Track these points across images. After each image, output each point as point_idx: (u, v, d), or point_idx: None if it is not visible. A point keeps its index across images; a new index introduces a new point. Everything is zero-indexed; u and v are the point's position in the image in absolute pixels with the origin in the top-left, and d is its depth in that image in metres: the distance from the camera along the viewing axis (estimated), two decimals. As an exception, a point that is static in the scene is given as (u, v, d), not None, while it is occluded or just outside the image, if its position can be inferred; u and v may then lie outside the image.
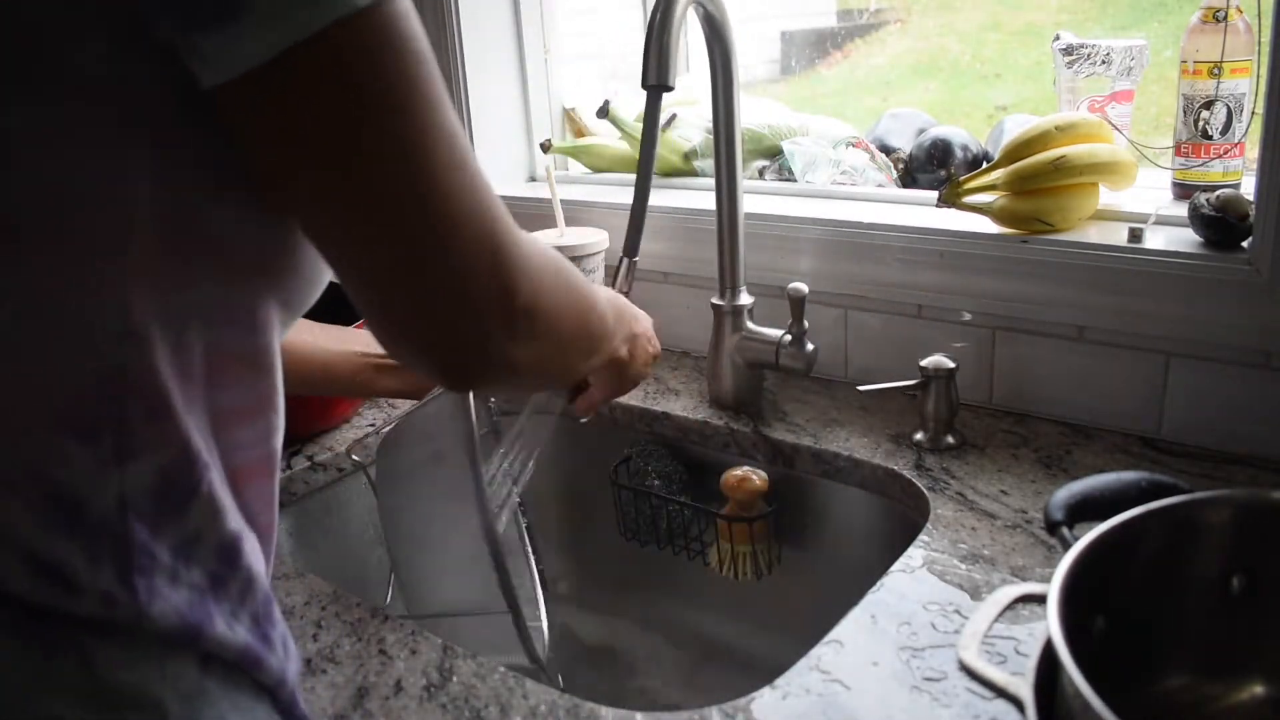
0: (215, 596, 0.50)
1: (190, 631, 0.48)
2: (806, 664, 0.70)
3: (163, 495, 0.48)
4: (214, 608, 0.50)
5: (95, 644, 0.46)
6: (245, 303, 0.50)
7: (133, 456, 0.47)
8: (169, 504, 0.48)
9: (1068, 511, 0.65)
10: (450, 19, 1.37)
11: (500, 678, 0.71)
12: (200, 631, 0.49)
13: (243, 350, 0.51)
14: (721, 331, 1.10)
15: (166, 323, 0.47)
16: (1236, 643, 0.61)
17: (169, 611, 0.47)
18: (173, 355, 0.47)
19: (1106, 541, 0.58)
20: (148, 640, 0.47)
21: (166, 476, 0.48)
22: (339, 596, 0.83)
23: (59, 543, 0.45)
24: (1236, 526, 0.61)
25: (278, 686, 0.54)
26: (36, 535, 0.45)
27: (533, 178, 1.53)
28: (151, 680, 0.47)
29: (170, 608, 0.47)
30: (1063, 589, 0.54)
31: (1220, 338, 0.90)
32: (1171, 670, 0.61)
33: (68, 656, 0.45)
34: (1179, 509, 0.61)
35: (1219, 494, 0.62)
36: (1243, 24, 0.95)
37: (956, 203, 1.04)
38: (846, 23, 1.60)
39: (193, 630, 0.48)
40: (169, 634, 0.48)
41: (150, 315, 0.46)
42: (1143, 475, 0.67)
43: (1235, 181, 0.99)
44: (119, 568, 0.46)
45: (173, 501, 0.48)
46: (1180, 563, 0.61)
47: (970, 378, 1.05)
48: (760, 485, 1.01)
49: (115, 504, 0.46)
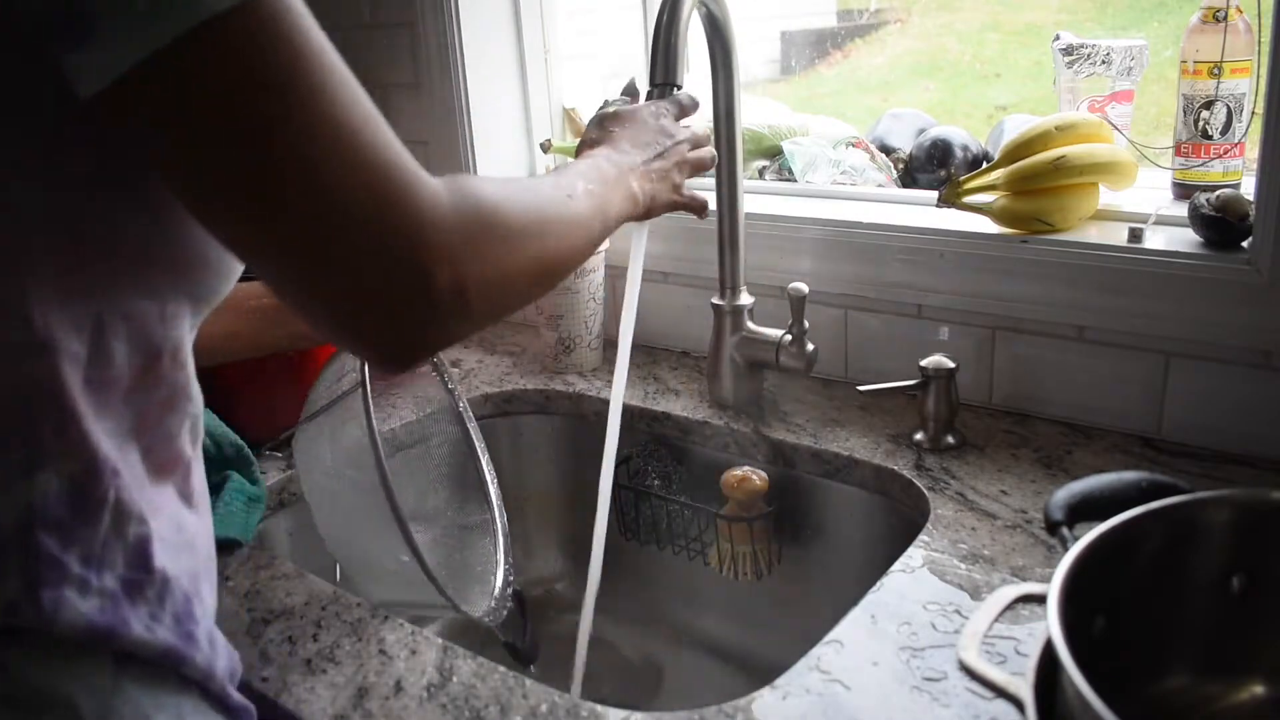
0: (131, 601, 0.50)
1: (100, 637, 0.48)
2: (806, 664, 0.70)
3: (72, 505, 0.48)
4: (129, 613, 0.50)
5: (5, 647, 0.46)
6: (153, 301, 0.50)
7: (40, 467, 0.47)
8: (78, 514, 0.48)
9: (1068, 511, 0.65)
10: (450, 19, 1.37)
11: (500, 678, 0.71)
12: (112, 635, 0.49)
13: (155, 348, 0.51)
14: (721, 331, 1.10)
15: (72, 330, 0.47)
16: (1236, 643, 0.61)
17: (76, 619, 0.47)
18: (84, 363, 0.47)
19: (1107, 542, 0.58)
20: (57, 643, 0.48)
21: (75, 485, 0.48)
22: (339, 596, 0.83)
23: None
24: (1236, 526, 0.61)
25: (205, 680, 0.54)
26: None
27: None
28: (63, 680, 0.48)
29: (77, 615, 0.47)
30: (1063, 589, 0.54)
31: (1220, 338, 0.90)
32: (1171, 670, 0.61)
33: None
34: (1179, 509, 0.61)
35: (1219, 494, 0.62)
36: (1243, 24, 0.95)
37: (956, 203, 1.04)
38: (846, 23, 1.60)
39: (102, 635, 0.48)
40: (77, 638, 0.48)
41: (54, 324, 0.46)
42: (1143, 475, 0.67)
43: (1235, 181, 0.99)
44: (25, 580, 0.46)
45: (82, 511, 0.48)
46: (1180, 563, 0.61)
47: (970, 378, 1.05)
48: (760, 485, 1.01)
49: (22, 516, 0.46)
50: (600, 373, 1.27)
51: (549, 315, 1.26)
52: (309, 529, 1.08)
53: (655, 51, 0.91)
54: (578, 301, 1.24)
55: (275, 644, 0.77)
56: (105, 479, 0.49)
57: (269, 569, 0.88)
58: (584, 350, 1.27)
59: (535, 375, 1.28)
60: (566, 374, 1.27)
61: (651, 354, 1.31)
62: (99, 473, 0.49)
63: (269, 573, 0.87)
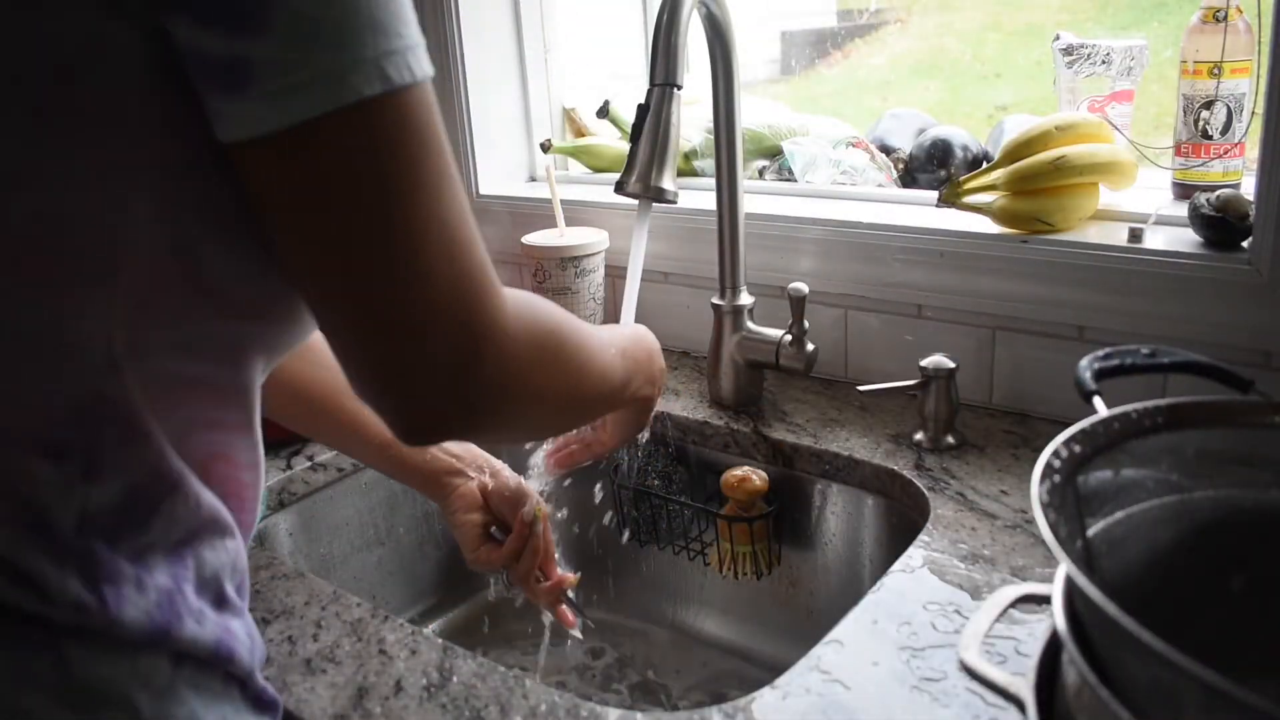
0: (182, 598, 0.51)
1: (159, 633, 0.50)
2: (806, 664, 0.70)
3: (126, 512, 0.49)
4: (182, 608, 0.51)
5: (71, 644, 0.47)
6: (231, 341, 0.52)
7: (101, 477, 0.48)
8: (130, 520, 0.49)
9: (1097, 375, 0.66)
10: (450, 19, 1.37)
11: (500, 678, 0.71)
12: (168, 632, 0.50)
13: (222, 385, 0.52)
14: (721, 331, 1.10)
15: (149, 354, 0.48)
16: (1237, 642, 0.61)
17: (139, 616, 0.49)
18: (151, 385, 0.48)
19: (1107, 538, 0.58)
20: (121, 641, 0.49)
21: (134, 495, 0.49)
22: (339, 596, 0.83)
23: (30, 553, 0.46)
24: (1236, 526, 0.61)
25: (248, 677, 0.55)
26: (11, 545, 0.46)
27: (533, 178, 1.53)
28: (124, 678, 0.49)
29: (139, 612, 0.49)
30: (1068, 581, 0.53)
31: (1220, 338, 0.90)
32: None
33: (44, 655, 0.47)
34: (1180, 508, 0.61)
35: (1219, 493, 0.62)
36: (1243, 24, 0.95)
37: (956, 203, 1.04)
38: (846, 23, 1.60)
39: (160, 631, 0.50)
40: (140, 636, 0.49)
41: (133, 346, 0.47)
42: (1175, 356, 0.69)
43: (1235, 181, 0.99)
44: (86, 578, 0.48)
45: (134, 518, 0.49)
46: (1180, 561, 0.61)
47: (970, 378, 1.05)
48: (760, 485, 1.01)
49: (76, 520, 0.47)
50: (600, 373, 1.27)
51: (549, 315, 1.25)
52: (309, 529, 1.08)
53: (655, 51, 0.91)
54: (578, 301, 1.24)
55: (275, 644, 0.77)
56: (164, 490, 0.50)
57: (269, 569, 0.88)
58: (584, 350, 1.27)
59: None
60: (566, 374, 1.26)
61: (651, 354, 1.31)
62: (158, 483, 0.50)
63: (269, 573, 0.87)
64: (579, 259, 1.23)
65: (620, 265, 1.26)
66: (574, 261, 1.23)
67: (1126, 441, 0.57)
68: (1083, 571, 0.44)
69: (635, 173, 0.91)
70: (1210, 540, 0.61)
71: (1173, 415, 0.59)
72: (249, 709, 0.56)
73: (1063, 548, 0.46)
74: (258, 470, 0.59)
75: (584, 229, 1.29)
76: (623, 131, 1.45)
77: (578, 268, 1.23)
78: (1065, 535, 0.49)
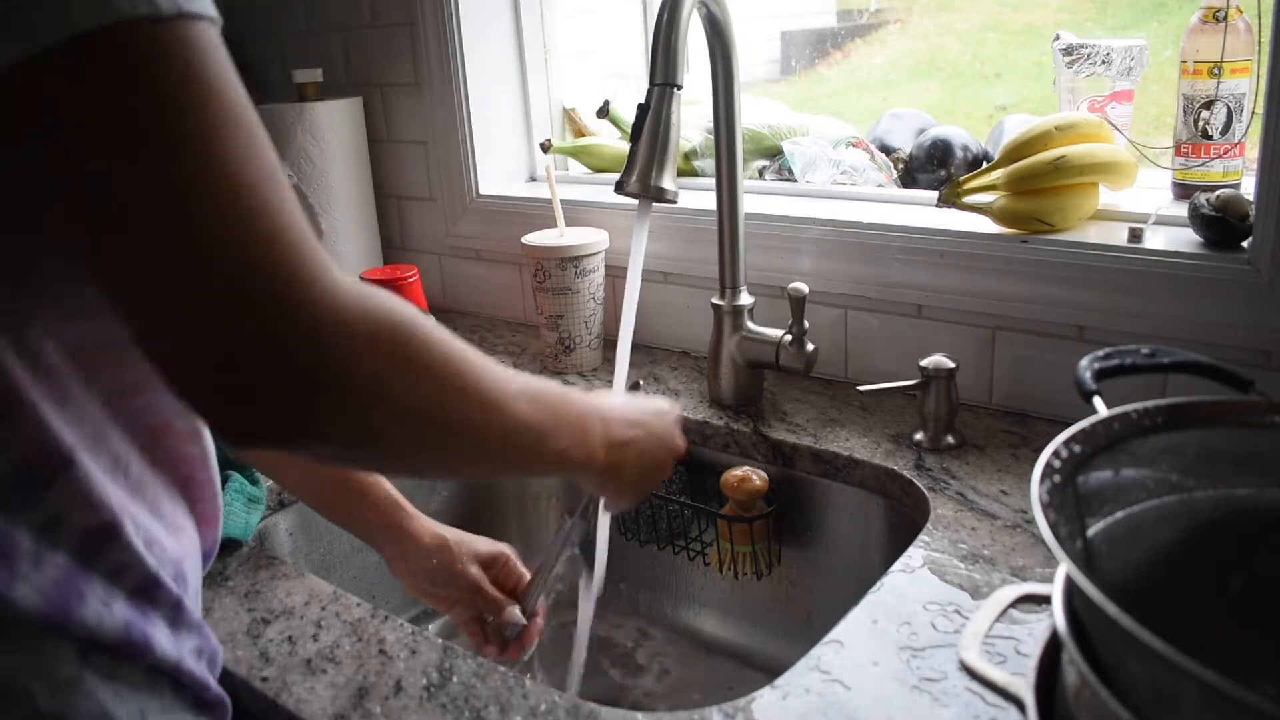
0: (85, 577, 0.50)
1: (58, 613, 0.48)
2: (806, 664, 0.70)
3: (15, 485, 0.48)
4: (84, 587, 0.50)
5: None
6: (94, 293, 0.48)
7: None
8: (21, 493, 0.48)
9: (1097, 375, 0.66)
10: (450, 19, 1.37)
11: (500, 678, 0.71)
12: (68, 613, 0.48)
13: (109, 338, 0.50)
14: (721, 331, 1.10)
15: (12, 321, 0.47)
16: (1237, 643, 0.61)
17: (31, 593, 0.47)
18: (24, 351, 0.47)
19: (1108, 537, 0.58)
20: (21, 629, 0.47)
21: (18, 468, 0.48)
22: (339, 596, 0.83)
23: None
24: (1236, 526, 0.61)
25: (176, 669, 0.53)
26: None
27: (533, 178, 1.53)
28: (22, 670, 0.47)
29: (33, 589, 0.47)
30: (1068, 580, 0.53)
31: (1220, 338, 0.90)
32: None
33: None
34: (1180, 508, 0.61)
35: (1219, 493, 0.62)
36: (1243, 24, 0.95)
37: (956, 203, 1.04)
38: (846, 23, 1.60)
39: (59, 612, 0.48)
40: (36, 618, 0.48)
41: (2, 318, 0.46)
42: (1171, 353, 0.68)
43: (1235, 181, 0.99)
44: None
45: (25, 490, 0.48)
46: (1180, 561, 0.61)
47: (970, 378, 1.05)
48: (760, 485, 1.01)
49: None
50: (600, 373, 1.27)
51: (549, 315, 1.26)
52: (309, 529, 1.08)
53: (655, 51, 0.91)
54: (578, 301, 1.24)
55: (275, 644, 0.77)
56: (54, 461, 0.49)
57: (269, 569, 0.88)
58: (584, 350, 1.27)
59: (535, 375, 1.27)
60: (567, 374, 1.27)
61: (651, 354, 1.31)
62: (46, 455, 0.48)
63: (269, 573, 0.87)
64: (579, 259, 1.23)
65: (620, 265, 1.26)
66: (574, 261, 1.23)
67: (1126, 441, 0.57)
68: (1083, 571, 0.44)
69: (635, 173, 0.91)
70: (1210, 540, 0.61)
71: (1173, 415, 0.59)
72: (183, 706, 0.54)
73: (1063, 548, 0.46)
74: (203, 443, 0.57)
75: (584, 229, 1.29)
76: (623, 131, 1.45)
77: (578, 268, 1.23)
78: (1065, 535, 0.49)
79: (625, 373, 0.93)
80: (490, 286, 1.51)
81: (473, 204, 1.46)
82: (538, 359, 1.32)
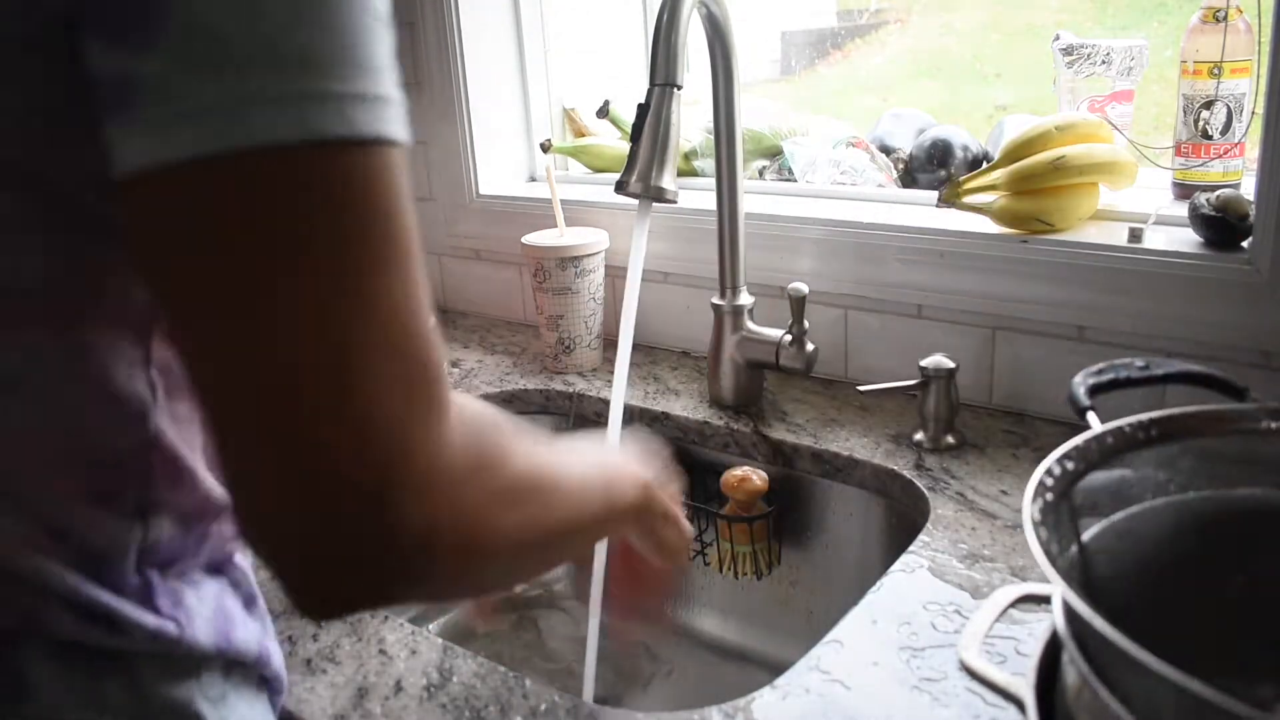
0: (231, 601, 0.53)
1: (222, 641, 0.51)
2: (806, 664, 0.70)
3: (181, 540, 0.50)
4: (232, 610, 0.53)
5: (143, 666, 0.48)
6: None
7: (154, 511, 0.48)
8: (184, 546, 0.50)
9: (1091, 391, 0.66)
10: (450, 19, 1.37)
11: (500, 677, 0.71)
12: (229, 640, 0.51)
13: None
14: (721, 331, 1.10)
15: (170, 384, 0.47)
16: (1236, 643, 0.61)
17: (206, 629, 0.50)
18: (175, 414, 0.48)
19: (1105, 541, 0.58)
20: (191, 658, 0.50)
21: (186, 523, 0.50)
22: (339, 596, 0.83)
23: (95, 592, 0.46)
24: (1237, 526, 0.61)
25: (275, 679, 0.56)
26: (75, 586, 0.46)
27: (533, 178, 1.53)
28: (190, 692, 0.50)
29: (205, 624, 0.50)
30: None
31: (1220, 338, 0.90)
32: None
33: (115, 678, 0.47)
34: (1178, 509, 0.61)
35: (1217, 494, 0.62)
36: (1243, 24, 0.95)
37: (956, 203, 1.04)
38: (846, 23, 1.60)
39: (223, 640, 0.51)
40: (209, 649, 0.50)
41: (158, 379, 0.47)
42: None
43: (1235, 181, 0.99)
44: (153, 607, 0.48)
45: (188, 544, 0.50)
46: (1180, 562, 0.61)
47: (970, 378, 1.05)
48: (760, 485, 1.01)
49: (135, 555, 0.48)
50: (600, 373, 1.27)
51: (549, 315, 1.26)
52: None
53: (655, 51, 0.91)
54: (578, 301, 1.24)
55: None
56: (210, 516, 0.51)
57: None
58: (584, 350, 1.27)
59: (535, 375, 1.28)
60: (567, 374, 1.27)
61: (651, 354, 1.31)
62: (207, 510, 0.51)
63: (269, 572, 0.87)
64: (579, 259, 1.23)
65: (620, 265, 1.26)
66: (574, 261, 1.23)
67: (1121, 455, 0.58)
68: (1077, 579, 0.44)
69: (635, 172, 0.91)
70: (1209, 541, 0.61)
71: (1166, 427, 0.59)
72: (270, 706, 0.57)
73: (1054, 566, 0.46)
74: None
75: (584, 229, 1.29)
76: (623, 131, 1.45)
77: (578, 268, 1.23)
78: (1057, 552, 0.49)
79: (625, 374, 0.93)
80: (490, 286, 1.51)
81: (473, 204, 1.46)
82: (538, 359, 1.32)
